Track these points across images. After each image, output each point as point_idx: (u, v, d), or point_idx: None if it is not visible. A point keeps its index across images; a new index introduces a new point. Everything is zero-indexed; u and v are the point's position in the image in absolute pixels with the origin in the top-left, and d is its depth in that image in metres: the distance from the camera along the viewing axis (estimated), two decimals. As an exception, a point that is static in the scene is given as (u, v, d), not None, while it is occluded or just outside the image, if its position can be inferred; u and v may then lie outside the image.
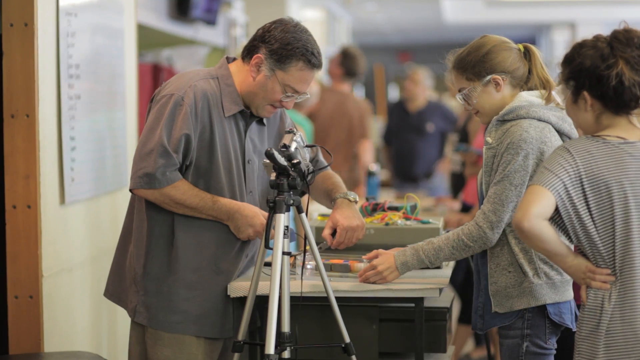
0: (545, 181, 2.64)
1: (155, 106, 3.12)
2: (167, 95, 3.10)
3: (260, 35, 3.14)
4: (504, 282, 2.99)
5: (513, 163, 2.93)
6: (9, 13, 3.55)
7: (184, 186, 3.09)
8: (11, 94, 3.55)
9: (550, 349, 3.02)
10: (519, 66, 3.05)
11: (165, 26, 5.69)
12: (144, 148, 3.07)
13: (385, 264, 3.10)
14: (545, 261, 2.97)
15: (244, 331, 3.07)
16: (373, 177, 6.24)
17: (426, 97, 8.28)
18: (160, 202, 3.09)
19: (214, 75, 3.17)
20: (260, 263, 3.03)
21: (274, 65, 3.11)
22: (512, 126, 2.96)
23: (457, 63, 3.07)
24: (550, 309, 2.98)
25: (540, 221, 2.62)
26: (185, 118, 3.06)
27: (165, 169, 3.05)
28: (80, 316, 3.97)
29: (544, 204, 2.63)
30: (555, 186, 2.63)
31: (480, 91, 3.04)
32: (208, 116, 3.11)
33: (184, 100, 3.06)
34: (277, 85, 3.12)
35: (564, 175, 2.64)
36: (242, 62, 3.18)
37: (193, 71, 3.22)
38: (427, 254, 3.04)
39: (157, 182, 3.06)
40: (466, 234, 2.99)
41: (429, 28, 19.07)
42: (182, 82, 3.12)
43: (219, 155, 3.12)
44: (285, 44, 3.09)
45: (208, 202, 3.10)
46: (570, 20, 16.97)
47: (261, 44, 3.12)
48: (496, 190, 2.95)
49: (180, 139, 3.05)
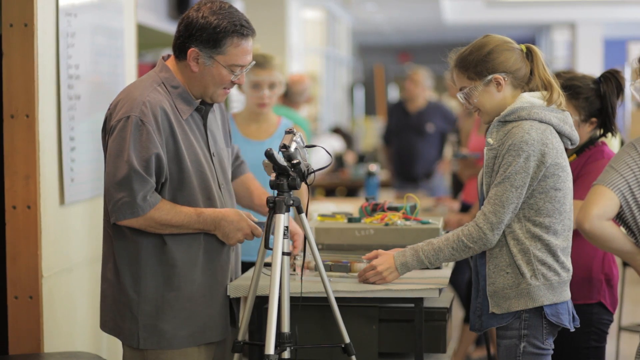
0: (609, 181, 2.64)
1: (113, 132, 3.00)
2: (122, 118, 2.98)
3: (183, 31, 3.06)
4: (501, 283, 2.99)
5: (514, 165, 2.93)
6: (8, 13, 3.55)
7: (166, 206, 3.01)
8: (11, 94, 3.55)
9: (547, 349, 3.02)
10: (521, 67, 3.04)
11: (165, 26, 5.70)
12: (116, 177, 2.97)
13: (385, 265, 3.10)
14: (543, 262, 2.97)
15: (244, 331, 3.07)
16: (373, 178, 6.24)
17: (426, 98, 8.28)
18: (145, 227, 3.01)
19: (158, 82, 3.09)
20: (260, 263, 3.03)
21: (211, 53, 3.05)
22: (514, 127, 2.96)
23: (459, 62, 3.07)
24: (548, 310, 2.98)
25: (601, 222, 2.63)
26: (150, 137, 2.97)
27: (145, 194, 2.98)
28: (80, 316, 3.97)
29: (606, 205, 2.64)
30: (619, 186, 2.63)
31: (482, 90, 3.04)
32: (169, 127, 3.03)
33: (143, 119, 2.97)
34: (222, 70, 3.07)
35: (629, 174, 2.64)
36: (178, 60, 3.11)
37: (137, 84, 3.10)
38: (427, 254, 3.05)
39: (139, 209, 2.98)
40: (466, 235, 2.99)
41: (429, 28, 19.08)
42: (133, 101, 3.01)
43: (187, 162, 3.05)
44: (213, 29, 3.02)
45: (193, 216, 3.03)
46: (571, 21, 16.98)
47: (189, 39, 3.05)
48: (497, 192, 2.95)
49: (150, 160, 2.97)
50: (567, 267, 3.02)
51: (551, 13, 16.79)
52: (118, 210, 2.99)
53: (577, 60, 16.35)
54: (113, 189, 2.99)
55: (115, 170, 2.97)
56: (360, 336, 3.19)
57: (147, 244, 3.05)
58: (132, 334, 3.07)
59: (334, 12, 15.35)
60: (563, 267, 3.00)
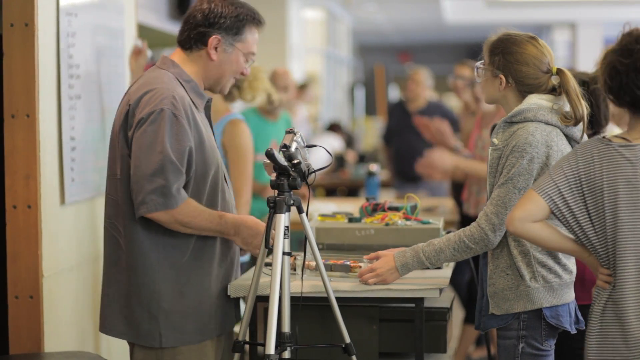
0: (540, 186, 2.71)
1: (141, 125, 2.96)
2: (154, 111, 2.96)
3: (202, 21, 3.09)
4: (501, 284, 3.00)
5: (517, 166, 2.93)
6: (9, 13, 3.55)
7: (193, 204, 3.01)
8: (12, 94, 3.55)
9: (547, 350, 3.02)
10: (532, 84, 3.03)
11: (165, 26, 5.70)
12: (149, 168, 2.93)
13: (385, 266, 3.10)
14: (543, 265, 2.98)
15: (244, 331, 3.07)
16: (373, 177, 6.24)
17: (426, 98, 8.28)
18: (170, 222, 2.98)
19: (173, 77, 3.09)
20: (260, 263, 3.03)
21: (232, 40, 3.12)
22: (519, 129, 2.97)
23: (496, 40, 3.08)
24: (547, 312, 2.98)
25: (523, 224, 2.70)
26: (184, 130, 2.98)
27: (179, 186, 2.96)
28: (80, 316, 3.97)
29: (530, 208, 2.70)
30: (549, 192, 2.68)
31: (488, 76, 3.07)
32: (193, 120, 3.04)
33: (175, 113, 2.97)
34: (240, 57, 3.15)
35: (561, 180, 2.68)
36: (189, 52, 3.13)
37: (154, 80, 3.07)
38: (428, 255, 3.05)
39: (174, 200, 2.95)
40: (468, 235, 2.99)
41: (429, 28, 19.08)
42: (162, 94, 2.99)
43: (209, 154, 3.07)
44: (236, 17, 3.11)
45: (216, 218, 3.04)
46: (571, 21, 16.99)
47: (209, 28, 3.09)
48: (499, 193, 2.95)
49: (184, 153, 2.97)
50: (569, 269, 3.02)
51: (552, 13, 16.79)
52: (150, 201, 2.94)
53: (577, 61, 16.35)
54: (145, 181, 2.94)
55: (148, 162, 2.94)
56: (360, 336, 3.19)
57: (162, 239, 3.03)
58: (151, 334, 3.04)
59: (334, 12, 15.35)
60: (565, 269, 3.00)
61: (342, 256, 3.36)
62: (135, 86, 3.08)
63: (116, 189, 3.06)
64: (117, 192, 3.05)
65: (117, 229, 3.07)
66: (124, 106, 3.06)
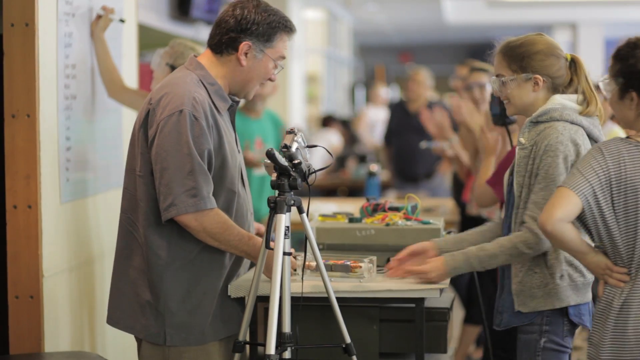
0: (574, 184, 2.71)
1: (164, 127, 2.97)
2: (174, 112, 2.97)
3: (235, 26, 3.09)
4: (529, 282, 3.02)
5: (554, 166, 2.96)
6: (10, 13, 3.54)
7: (223, 216, 3.00)
8: (12, 94, 3.55)
9: (567, 347, 3.06)
10: (562, 75, 3.09)
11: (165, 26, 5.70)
12: (180, 170, 2.93)
13: (436, 271, 3.10)
14: (570, 263, 3.01)
15: (244, 331, 3.07)
16: (374, 178, 6.24)
17: (427, 98, 8.28)
18: (197, 229, 2.97)
19: (197, 79, 3.09)
20: (260, 263, 3.03)
21: (262, 47, 3.12)
22: (546, 128, 3.00)
23: (507, 50, 3.10)
24: (571, 310, 3.03)
25: (562, 224, 2.71)
26: (203, 133, 2.98)
27: (209, 190, 2.98)
28: (81, 316, 3.97)
29: (569, 209, 2.71)
30: (584, 190, 2.70)
31: (519, 85, 3.08)
32: (214, 123, 3.05)
33: (195, 114, 2.97)
34: (269, 63, 3.15)
35: (594, 178, 2.70)
36: (219, 56, 3.13)
37: (177, 80, 3.08)
38: (481, 260, 3.05)
39: (204, 203, 2.96)
40: (522, 241, 2.98)
41: (430, 28, 19.08)
42: (182, 96, 2.99)
43: (228, 159, 3.07)
44: (268, 24, 3.11)
45: (245, 238, 3.03)
46: (571, 21, 16.98)
47: (241, 34, 3.09)
48: (544, 196, 2.95)
49: (203, 156, 2.98)
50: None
51: (552, 13, 16.79)
52: (180, 203, 2.94)
53: (578, 61, 16.33)
54: (177, 182, 2.94)
55: (178, 163, 2.95)
56: (361, 336, 3.19)
57: (174, 240, 3.03)
58: (157, 332, 3.06)
59: (335, 12, 15.35)
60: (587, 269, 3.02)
61: (343, 256, 3.35)
62: (159, 86, 3.10)
63: (135, 185, 3.07)
64: (136, 188, 3.07)
65: (133, 224, 3.09)
66: (145, 104, 3.08)
